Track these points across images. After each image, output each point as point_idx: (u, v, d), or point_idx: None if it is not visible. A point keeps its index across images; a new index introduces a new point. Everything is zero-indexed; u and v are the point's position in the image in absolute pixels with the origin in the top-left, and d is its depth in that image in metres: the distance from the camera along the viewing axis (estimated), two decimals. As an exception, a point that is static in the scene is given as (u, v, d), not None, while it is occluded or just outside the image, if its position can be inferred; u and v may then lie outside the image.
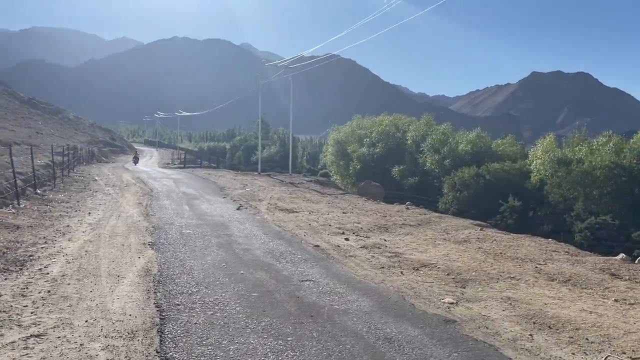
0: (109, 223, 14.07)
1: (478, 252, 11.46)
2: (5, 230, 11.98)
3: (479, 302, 7.94)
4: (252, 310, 7.00)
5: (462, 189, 32.34)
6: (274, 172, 45.08)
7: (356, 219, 16.55)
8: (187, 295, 7.56)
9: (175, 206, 18.74)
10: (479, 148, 36.63)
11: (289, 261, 10.23)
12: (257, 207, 19.17)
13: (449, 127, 41.19)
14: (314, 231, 13.99)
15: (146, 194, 22.69)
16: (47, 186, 22.40)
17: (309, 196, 23.78)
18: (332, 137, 50.09)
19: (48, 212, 15.62)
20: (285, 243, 12.19)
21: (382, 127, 44.90)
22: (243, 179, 33.46)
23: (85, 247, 10.68)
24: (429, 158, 37.62)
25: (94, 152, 62.11)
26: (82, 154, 50.18)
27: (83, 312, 6.57)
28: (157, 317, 6.53)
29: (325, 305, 7.39)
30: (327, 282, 8.70)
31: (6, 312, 6.42)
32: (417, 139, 40.70)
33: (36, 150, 32.15)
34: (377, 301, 7.73)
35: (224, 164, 68.11)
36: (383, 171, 41.86)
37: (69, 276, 8.33)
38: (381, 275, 9.42)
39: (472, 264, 10.18)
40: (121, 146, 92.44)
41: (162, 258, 10.01)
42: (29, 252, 9.90)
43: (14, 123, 63.62)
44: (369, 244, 12.29)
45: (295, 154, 74.06)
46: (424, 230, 14.55)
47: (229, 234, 13.19)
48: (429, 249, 11.74)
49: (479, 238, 13.06)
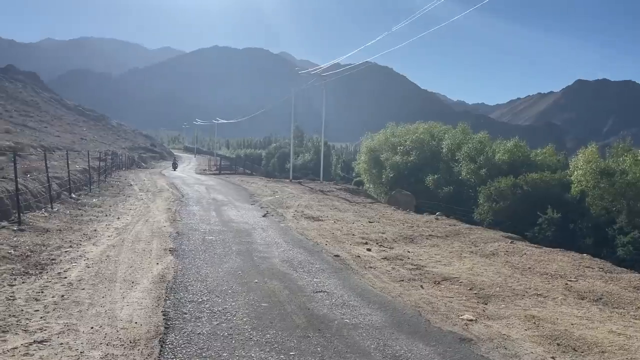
0: (135, 228, 14.24)
1: (505, 266, 10.98)
2: (34, 233, 12.27)
3: (501, 319, 7.54)
4: (259, 321, 6.84)
5: (498, 199, 31.43)
6: (306, 179, 45.05)
7: (381, 228, 16.23)
8: (197, 303, 7.47)
9: (203, 212, 18.87)
10: (516, 157, 35.57)
11: (305, 271, 10.05)
12: (283, 214, 19.09)
13: (486, 135, 40.21)
14: (336, 240, 13.77)
15: (177, 199, 22.97)
16: (82, 190, 22.97)
17: (337, 204, 23.56)
18: (365, 145, 49.68)
19: (79, 216, 15.96)
20: (305, 252, 12.01)
21: (417, 135, 44.23)
22: (274, 186, 33.53)
23: (107, 252, 10.79)
24: (464, 167, 36.77)
25: (134, 158, 63.62)
26: (122, 160, 51.49)
27: (91, 319, 6.56)
28: (163, 325, 6.46)
29: (335, 318, 7.17)
30: (342, 294, 8.47)
31: (16, 316, 6.47)
32: (452, 148, 39.89)
33: (76, 155, 33.20)
34: (390, 316, 7.44)
35: (260, 171, 68.73)
36: (417, 180, 41.17)
37: (85, 281, 8.39)
38: (399, 288, 9.12)
39: (497, 279, 9.75)
40: (160, 152, 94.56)
41: (180, 265, 9.99)
42: (52, 256, 10.06)
43: (59, 129, 66.00)
44: (391, 255, 11.97)
45: (330, 162, 74.04)
46: (451, 242, 14.11)
47: (250, 241, 13.12)
48: (454, 262, 11.33)
49: (507, 251, 12.54)
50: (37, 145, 29.52)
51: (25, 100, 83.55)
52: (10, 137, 30.33)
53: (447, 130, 43.93)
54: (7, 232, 11.82)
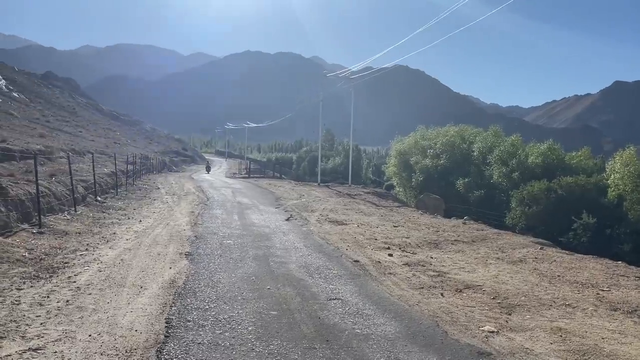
0: (154, 231, 14.14)
1: (532, 273, 10.36)
2: (52, 236, 12.29)
3: (524, 331, 7.01)
4: (265, 330, 6.51)
5: (531, 203, 30.41)
6: (335, 183, 44.67)
7: (406, 233, 15.72)
8: (202, 310, 7.20)
9: (225, 216, 18.73)
10: (550, 161, 34.40)
11: (322, 277, 9.68)
12: (307, 218, 18.77)
13: (518, 138, 39.06)
14: (357, 245, 13.36)
15: (201, 202, 22.95)
16: (109, 193, 23.19)
17: (362, 208, 23.11)
18: (395, 148, 49.01)
19: (101, 219, 16.01)
20: (324, 257, 11.65)
21: (447, 138, 43.36)
22: (301, 189, 33.29)
23: (122, 256, 10.67)
24: (495, 170, 35.78)
25: (165, 162, 64.49)
26: (153, 163, 52.20)
27: (90, 325, 6.36)
28: (163, 334, 6.20)
29: (346, 328, 6.78)
30: (356, 302, 8.07)
31: (17, 321, 6.32)
32: (483, 151, 38.91)
33: (107, 159, 33.70)
34: (405, 326, 7.01)
35: (290, 174, 68.71)
36: (447, 184, 40.32)
37: (94, 285, 8.24)
38: (418, 296, 8.66)
39: (523, 288, 9.17)
40: (192, 156, 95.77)
41: (193, 269, 9.77)
42: (66, 259, 9.99)
43: (94, 134, 67.53)
44: (413, 260, 11.49)
45: (360, 165, 73.46)
46: (477, 247, 13.51)
47: (269, 245, 12.84)
48: (478, 269, 10.77)
49: (536, 258, 11.89)
50: (68, 149, 30.07)
51: (62, 106, 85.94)
52: (42, 141, 31.00)
53: (478, 133, 42.94)
54: (26, 234, 11.86)
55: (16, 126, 39.30)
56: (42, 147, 26.34)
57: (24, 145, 24.46)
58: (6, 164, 19.48)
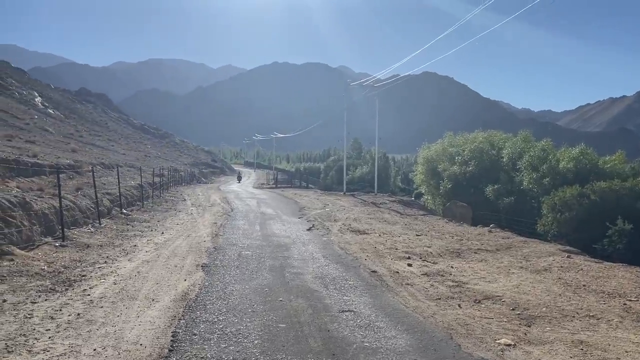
0: (175, 243, 14.23)
1: (556, 283, 9.95)
2: (74, 249, 12.49)
3: (543, 345, 6.70)
4: (271, 344, 6.39)
5: (563, 210, 29.47)
6: (361, 192, 44.39)
7: (428, 242, 15.41)
8: (210, 323, 7.13)
9: (247, 226, 18.75)
10: (583, 165, 33.34)
11: (337, 288, 9.52)
12: (329, 227, 18.63)
13: (549, 143, 38.05)
14: (377, 255, 13.14)
15: (225, 213, 23.07)
16: (135, 206, 23.54)
17: (387, 217, 22.84)
18: (422, 156, 48.40)
19: (124, 232, 16.22)
20: (341, 267, 11.48)
21: (475, 144, 42.59)
22: (326, 199, 33.18)
23: (139, 268, 10.73)
24: (526, 176, 34.90)
25: (194, 174, 65.32)
26: (182, 175, 52.97)
27: (97, 339, 6.35)
28: (167, 348, 6.14)
29: (355, 342, 6.59)
30: (369, 314, 7.87)
31: (26, 335, 6.37)
32: (513, 157, 38.09)
33: (136, 172, 34.33)
34: (418, 339, 6.78)
35: (318, 184, 68.75)
36: (476, 191, 39.55)
37: (107, 298, 8.27)
38: (434, 307, 8.40)
39: (545, 298, 8.80)
40: (221, 167, 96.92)
41: (208, 281, 9.74)
42: (84, 272, 10.09)
43: (125, 147, 69.10)
44: (433, 270, 11.21)
45: (388, 174, 72.90)
46: (500, 256, 13.11)
47: (287, 256, 12.75)
48: (499, 279, 10.42)
49: (562, 267, 11.44)
50: (97, 163, 30.77)
51: (95, 121, 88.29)
52: (73, 156, 31.79)
53: (507, 139, 42.06)
54: (49, 247, 12.08)
55: (51, 141, 40.49)
56: (71, 161, 26.99)
57: (54, 160, 25.10)
58: (36, 179, 20.00)
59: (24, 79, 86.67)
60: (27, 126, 47.28)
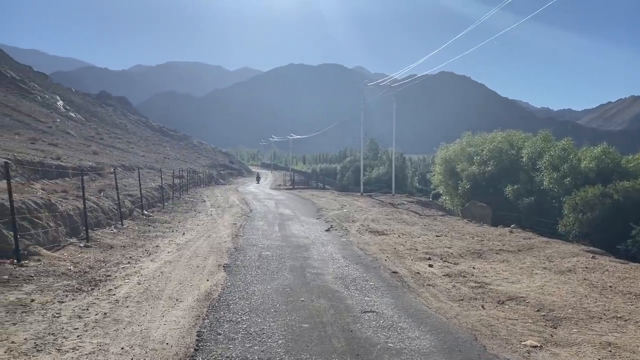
0: (196, 244, 14.37)
1: (582, 284, 9.82)
2: (98, 250, 12.69)
3: (570, 346, 6.61)
4: (295, 344, 6.42)
5: (585, 210, 29.05)
6: (378, 192, 44.28)
7: (448, 242, 15.31)
8: (234, 323, 7.18)
9: (266, 227, 18.84)
10: (605, 165, 32.81)
11: (358, 289, 9.52)
12: (347, 228, 18.63)
13: (570, 142, 37.54)
14: (397, 256, 13.10)
15: (244, 214, 23.21)
16: (156, 207, 23.81)
17: (405, 217, 22.74)
18: (440, 156, 48.10)
19: (146, 233, 16.43)
20: (361, 268, 11.47)
21: (494, 144, 42.21)
22: (343, 199, 33.17)
23: (162, 268, 10.86)
24: (546, 176, 34.46)
25: (213, 175, 65.82)
26: (201, 177, 53.40)
27: (124, 338, 6.44)
28: (193, 347, 6.21)
29: (378, 342, 6.59)
30: (392, 315, 7.85)
31: (54, 334, 6.49)
32: (533, 156, 37.63)
33: (156, 174, 34.70)
34: (441, 340, 6.75)
35: (334, 185, 68.74)
36: (495, 191, 39.17)
37: (132, 298, 8.39)
38: (457, 308, 8.35)
39: (571, 299, 8.69)
40: (239, 169, 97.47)
41: (230, 281, 9.82)
42: (108, 272, 10.25)
43: (145, 149, 69.92)
44: (454, 271, 11.14)
45: (405, 174, 72.55)
46: (523, 257, 12.97)
47: (306, 256, 12.79)
48: (522, 280, 10.31)
49: (587, 267, 11.27)
50: (118, 165, 31.18)
51: (115, 123, 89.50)
52: (95, 158, 32.27)
53: (527, 138, 41.60)
54: (74, 248, 12.29)
55: (72, 144, 41.17)
56: (93, 163, 27.40)
57: (77, 163, 25.51)
58: (60, 181, 20.35)
59: (46, 82, 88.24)
60: (49, 129, 48.13)
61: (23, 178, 17.77)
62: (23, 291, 8.36)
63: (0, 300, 7.74)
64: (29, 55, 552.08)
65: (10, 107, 50.86)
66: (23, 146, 26.75)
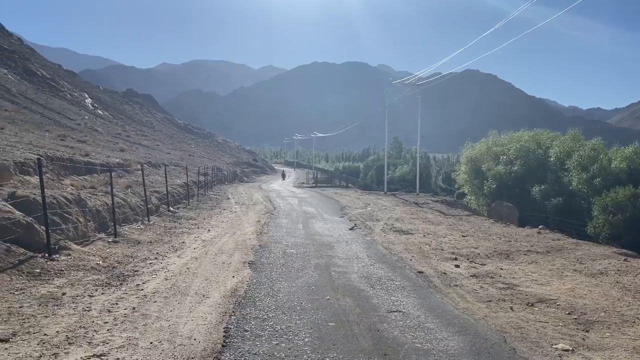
0: (221, 240, 14.47)
1: (614, 287, 9.56)
2: (126, 245, 12.88)
3: (603, 351, 6.44)
4: (322, 342, 6.39)
5: (615, 211, 28.39)
6: (403, 191, 44.00)
7: (475, 243, 15.10)
8: (261, 320, 7.20)
9: (290, 225, 18.88)
10: (636, 165, 31.99)
11: (383, 288, 9.45)
12: (371, 227, 18.53)
13: (600, 142, 36.68)
14: (423, 255, 12.97)
15: (268, 212, 23.29)
16: (182, 204, 24.07)
17: (430, 217, 22.52)
18: (466, 155, 47.53)
19: (172, 229, 16.62)
20: (386, 267, 11.39)
21: (521, 143, 41.54)
22: (367, 198, 33.03)
23: (188, 264, 10.96)
24: (575, 177, 33.77)
25: (236, 173, 66.30)
26: (225, 174, 53.85)
27: (153, 333, 6.51)
28: (220, 343, 6.23)
29: (406, 342, 6.52)
30: (418, 315, 7.77)
31: (85, 327, 6.60)
32: (561, 156, 36.90)
33: (181, 171, 35.11)
34: (470, 342, 6.64)
35: (358, 183, 68.56)
36: (522, 191, 38.56)
37: (159, 293, 8.48)
38: (485, 309, 8.21)
39: (603, 302, 8.47)
40: (262, 167, 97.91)
41: (255, 278, 9.85)
42: (136, 267, 10.39)
43: (170, 146, 70.78)
44: (482, 272, 10.97)
45: (429, 173, 71.93)
46: (552, 258, 12.70)
47: (331, 255, 12.75)
48: (552, 281, 10.09)
49: (619, 270, 10.98)
50: (144, 162, 31.62)
51: (141, 121, 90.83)
52: (122, 155, 32.80)
53: (555, 138, 40.84)
54: (102, 243, 12.49)
55: (100, 141, 41.92)
56: (120, 160, 27.85)
57: (104, 159, 25.96)
58: (88, 177, 20.75)
59: (75, 80, 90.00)
60: (78, 126, 49.09)
61: (53, 174, 18.17)
62: (54, 285, 8.53)
63: (32, 293, 7.91)
64: (58, 54, 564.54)
65: (41, 105, 52.02)
66: (53, 143, 27.33)
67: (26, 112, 43.94)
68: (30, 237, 10.03)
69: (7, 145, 19.61)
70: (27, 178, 15.34)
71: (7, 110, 39.61)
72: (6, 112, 38.44)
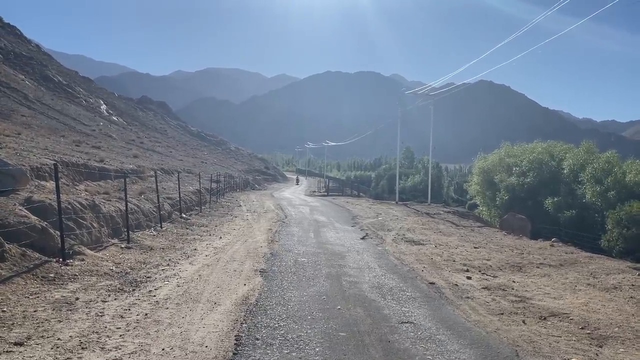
0: (233, 248, 14.53)
1: (629, 302, 9.45)
2: (139, 251, 12.99)
3: (617, 368, 6.37)
4: (332, 352, 6.39)
5: (630, 225, 28.07)
6: (414, 201, 43.86)
7: (487, 255, 15.01)
8: (272, 329, 7.21)
9: (302, 233, 18.90)
10: (651, 179, 31.66)
11: (394, 298, 9.42)
12: (383, 237, 18.50)
13: (614, 154, 36.35)
14: (434, 266, 12.91)
15: (279, 220, 23.35)
16: (194, 210, 24.22)
17: (442, 228, 22.42)
18: (478, 166, 47.35)
19: (184, 235, 16.72)
20: (398, 278, 11.36)
21: (534, 155, 41.30)
22: (378, 207, 32.97)
23: (200, 271, 11.02)
24: (588, 189, 33.47)
25: (248, 180, 66.56)
26: (237, 182, 54.09)
27: (165, 339, 6.56)
28: (232, 351, 6.26)
29: (416, 354, 6.49)
30: (430, 326, 7.74)
31: (98, 332, 6.66)
32: (575, 168, 36.60)
33: (194, 177, 35.36)
34: (481, 355, 6.60)
35: (369, 192, 68.48)
36: (535, 203, 38.28)
37: (171, 300, 8.54)
38: (497, 322, 8.16)
39: (617, 318, 8.37)
40: (274, 175, 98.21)
41: (267, 286, 9.88)
42: (148, 274, 10.47)
43: (183, 153, 71.28)
44: (494, 284, 10.90)
45: (441, 184, 71.67)
46: (565, 272, 12.59)
47: (342, 264, 12.75)
48: (565, 295, 10.00)
49: (633, 285, 10.85)
50: (158, 168, 31.89)
51: (155, 128, 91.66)
52: (135, 161, 33.12)
53: (568, 150, 40.58)
54: (115, 249, 12.61)
55: (114, 147, 42.37)
56: (134, 166, 28.11)
57: (118, 165, 26.23)
58: (102, 183, 20.96)
59: (90, 87, 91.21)
60: (93, 132, 49.68)
61: (68, 179, 18.39)
62: (68, 289, 8.63)
63: (47, 297, 8.01)
64: (75, 61, 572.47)
65: (57, 111, 52.77)
66: (68, 148, 27.68)
67: (42, 117, 44.60)
68: (45, 242, 10.17)
69: (23, 150, 19.91)
70: (42, 183, 15.55)
71: (23, 116, 40.23)
72: (23, 118, 39.05)
